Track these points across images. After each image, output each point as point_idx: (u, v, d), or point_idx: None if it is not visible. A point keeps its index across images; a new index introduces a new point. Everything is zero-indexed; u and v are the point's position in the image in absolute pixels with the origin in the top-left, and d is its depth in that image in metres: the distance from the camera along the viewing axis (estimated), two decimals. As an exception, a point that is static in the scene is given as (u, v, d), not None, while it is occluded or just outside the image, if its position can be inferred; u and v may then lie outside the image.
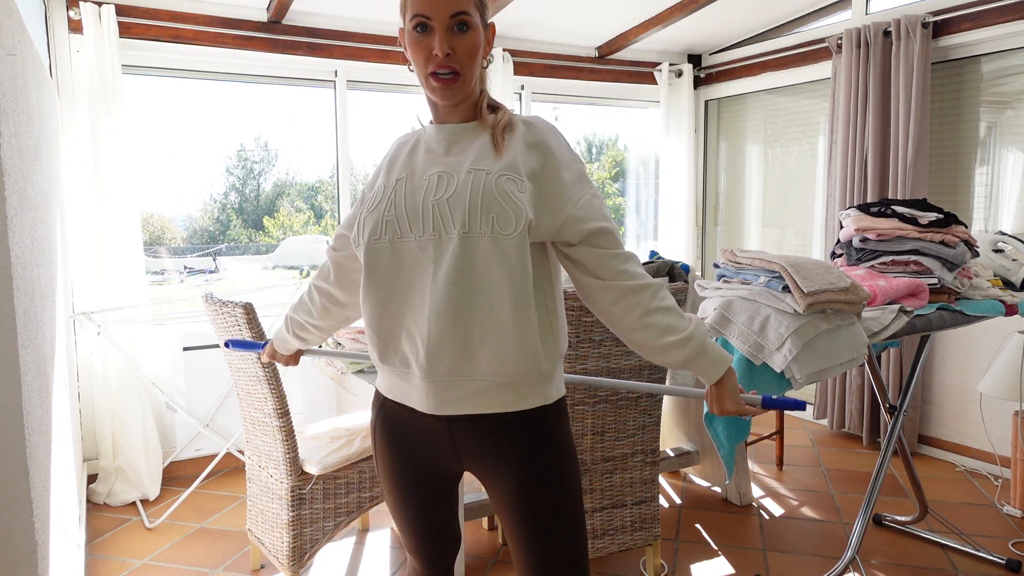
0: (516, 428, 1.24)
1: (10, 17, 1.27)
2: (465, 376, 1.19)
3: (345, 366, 2.53)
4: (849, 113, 3.65)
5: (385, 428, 1.35)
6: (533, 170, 1.21)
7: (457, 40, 1.19)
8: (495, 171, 1.18)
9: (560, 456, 1.26)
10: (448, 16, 1.17)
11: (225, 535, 2.81)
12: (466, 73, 1.21)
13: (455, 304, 1.16)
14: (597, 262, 1.23)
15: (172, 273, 5.50)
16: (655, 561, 2.42)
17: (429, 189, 1.21)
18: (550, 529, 1.25)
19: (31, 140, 1.52)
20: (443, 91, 1.21)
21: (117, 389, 3.14)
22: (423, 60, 1.20)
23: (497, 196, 1.16)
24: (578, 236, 1.22)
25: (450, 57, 1.18)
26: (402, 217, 1.21)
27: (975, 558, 2.53)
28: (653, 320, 1.22)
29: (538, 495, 1.25)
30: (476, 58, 1.22)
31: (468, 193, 1.17)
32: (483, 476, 1.30)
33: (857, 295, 1.82)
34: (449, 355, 1.18)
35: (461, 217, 1.16)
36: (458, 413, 1.22)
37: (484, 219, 1.15)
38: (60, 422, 1.73)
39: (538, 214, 1.20)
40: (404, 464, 1.34)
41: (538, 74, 4.24)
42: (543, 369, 1.22)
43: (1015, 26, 3.15)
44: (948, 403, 3.49)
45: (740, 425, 1.88)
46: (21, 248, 1.18)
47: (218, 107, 4.02)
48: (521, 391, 1.22)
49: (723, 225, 4.84)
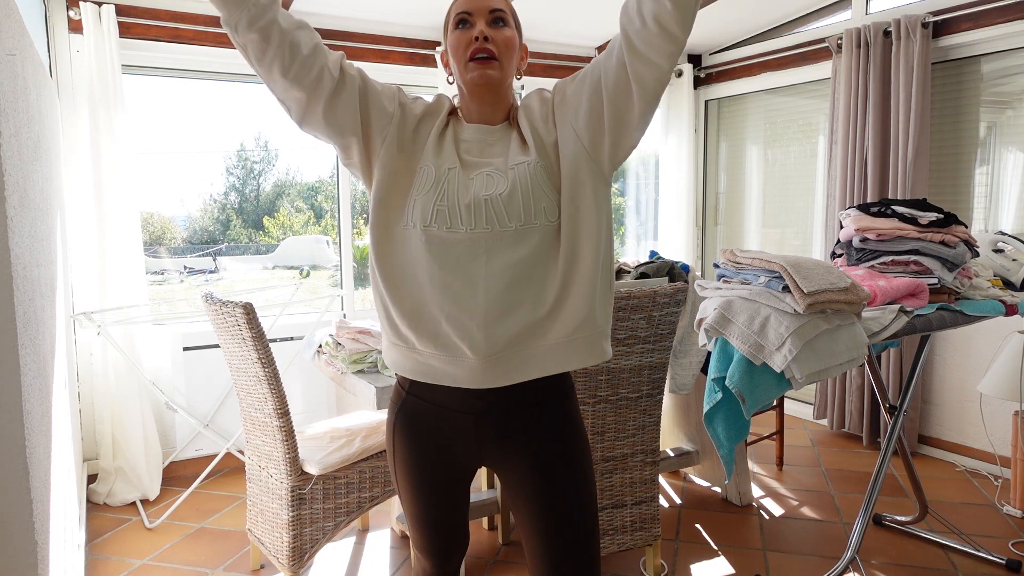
0: (554, 402, 1.32)
1: (10, 17, 1.27)
2: (520, 350, 1.25)
3: (345, 366, 2.53)
4: (849, 113, 3.65)
5: (406, 423, 1.37)
6: (548, 126, 1.29)
7: (495, 31, 1.29)
8: (532, 162, 1.26)
9: (580, 431, 1.36)
10: (487, 11, 1.29)
11: (225, 535, 2.81)
12: (503, 61, 1.29)
13: (510, 290, 1.23)
14: (615, 58, 1.23)
15: (172, 273, 5.50)
16: (655, 561, 2.42)
17: (479, 186, 1.25)
18: (578, 494, 1.31)
19: (31, 140, 1.52)
20: (480, 72, 1.27)
21: (117, 389, 3.14)
22: (463, 49, 1.28)
23: (543, 188, 1.24)
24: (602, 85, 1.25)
25: (488, 41, 1.27)
26: (454, 209, 1.24)
27: (975, 558, 2.53)
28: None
29: (567, 458, 1.32)
30: (513, 52, 1.31)
31: (519, 189, 1.24)
32: (504, 460, 1.34)
33: (857, 295, 1.82)
34: (505, 336, 1.23)
35: (517, 212, 1.23)
36: (513, 383, 1.26)
37: (537, 211, 1.24)
38: (60, 422, 1.73)
39: (592, 139, 1.26)
40: (423, 460, 1.36)
41: (538, 74, 4.24)
42: (594, 327, 1.29)
43: (1015, 26, 3.15)
44: (948, 403, 3.49)
45: (740, 425, 1.88)
46: (21, 248, 1.18)
47: (218, 107, 4.02)
48: (573, 351, 1.28)
49: (723, 225, 4.84)
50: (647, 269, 2.75)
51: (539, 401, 1.31)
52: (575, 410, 1.36)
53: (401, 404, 1.38)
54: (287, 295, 3.71)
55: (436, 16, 3.72)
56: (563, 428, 1.33)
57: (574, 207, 1.25)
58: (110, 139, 3.08)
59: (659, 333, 2.22)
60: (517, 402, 1.30)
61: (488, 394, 1.29)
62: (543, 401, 1.32)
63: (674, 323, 2.24)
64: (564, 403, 1.34)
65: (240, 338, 2.18)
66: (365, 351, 2.56)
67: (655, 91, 1.21)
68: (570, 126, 1.27)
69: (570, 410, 1.35)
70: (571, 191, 1.25)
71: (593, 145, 1.25)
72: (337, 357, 2.59)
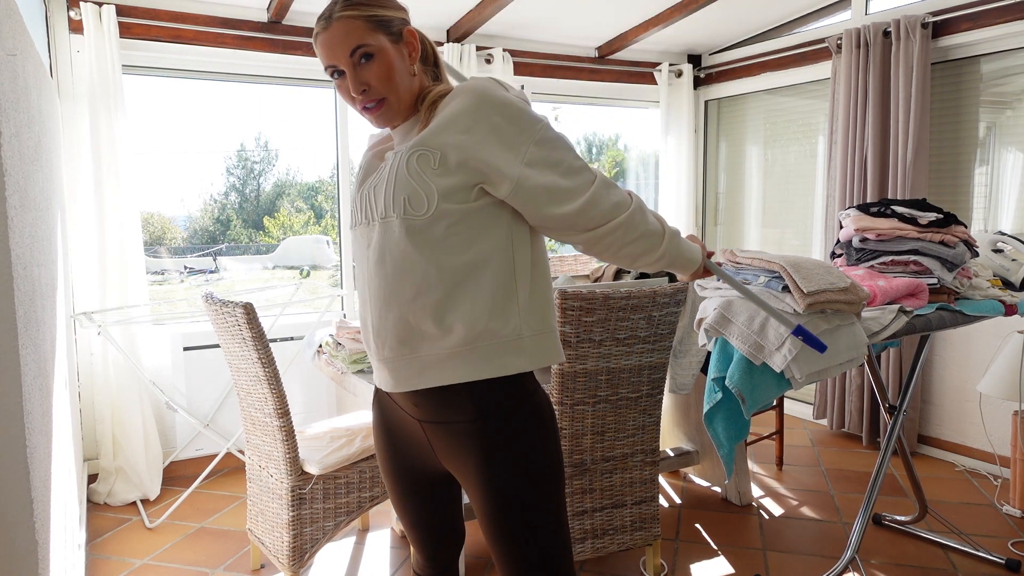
0: (464, 400, 1.20)
1: (10, 17, 1.27)
2: (410, 354, 1.21)
3: (345, 366, 2.53)
4: (849, 113, 3.65)
5: (380, 424, 1.40)
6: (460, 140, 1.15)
7: (366, 72, 1.21)
8: (406, 150, 1.17)
9: (516, 431, 1.21)
10: (347, 56, 1.20)
11: (225, 535, 2.81)
12: (390, 96, 1.23)
13: (386, 286, 1.20)
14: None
15: (172, 273, 5.51)
16: (655, 561, 2.43)
17: (371, 178, 1.27)
18: (518, 521, 1.21)
19: (31, 140, 1.52)
20: (377, 120, 1.27)
21: (117, 389, 3.14)
22: (351, 101, 1.25)
23: (408, 176, 1.16)
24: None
25: (367, 92, 1.22)
26: (355, 205, 1.28)
27: (975, 558, 2.53)
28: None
29: (504, 486, 1.21)
30: (393, 78, 1.21)
31: (384, 178, 1.20)
32: (452, 469, 1.29)
33: (857, 295, 1.82)
34: (390, 336, 1.21)
35: (381, 203, 1.20)
36: (409, 389, 1.23)
37: (396, 203, 1.17)
38: (60, 422, 1.73)
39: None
40: (398, 461, 1.38)
41: (538, 74, 4.24)
42: (489, 338, 1.19)
43: (1015, 26, 3.15)
44: (948, 403, 3.50)
45: (740, 425, 1.88)
46: (21, 248, 1.18)
47: (218, 107, 4.03)
48: (468, 362, 1.18)
49: (723, 225, 4.84)
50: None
51: (473, 415, 1.21)
52: (515, 412, 1.22)
53: (377, 404, 1.40)
54: (287, 295, 3.71)
55: (436, 17, 3.72)
56: (505, 445, 1.21)
57: (461, 212, 1.16)
58: (110, 139, 3.08)
59: (659, 333, 2.22)
60: (447, 414, 1.23)
61: (420, 402, 1.24)
62: (478, 416, 1.21)
63: (674, 323, 2.24)
64: (499, 408, 1.21)
65: (240, 338, 2.19)
66: (365, 351, 2.56)
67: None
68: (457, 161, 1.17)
69: (508, 417, 1.21)
70: (459, 196, 1.16)
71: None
72: (337, 357, 2.59)
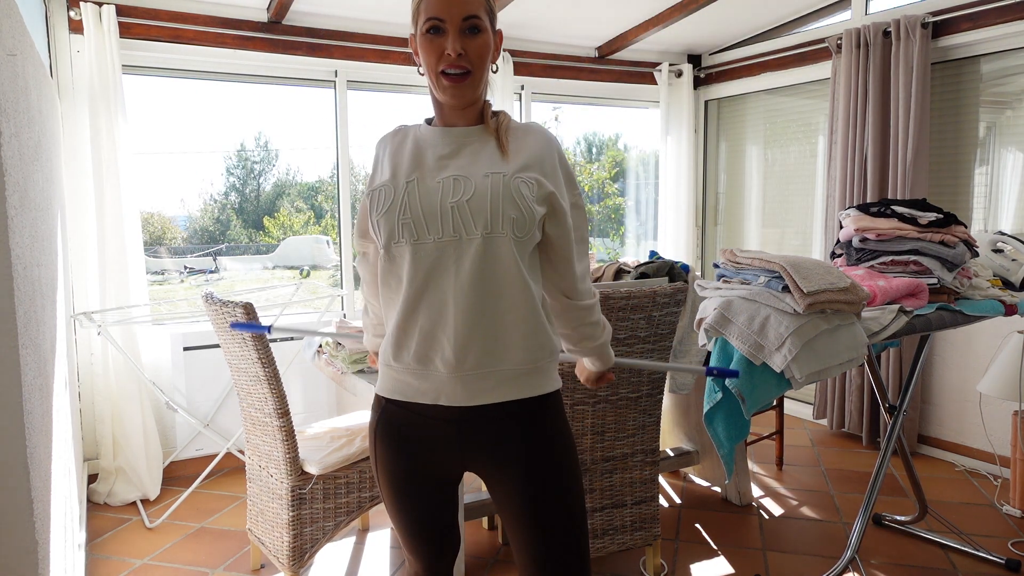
0: (536, 411, 1.30)
1: (10, 17, 1.27)
2: (492, 368, 1.25)
3: (345, 366, 2.53)
4: (849, 113, 3.65)
5: (388, 431, 1.35)
6: (542, 173, 1.28)
7: (469, 41, 1.24)
8: (511, 173, 1.23)
9: (567, 438, 1.35)
10: (461, 19, 1.22)
11: (225, 535, 2.81)
12: (476, 73, 1.25)
13: (480, 301, 1.21)
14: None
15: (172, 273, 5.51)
16: (655, 561, 2.43)
17: (446, 192, 1.23)
18: (562, 506, 1.30)
19: (31, 140, 1.52)
20: (453, 89, 1.25)
21: (117, 389, 3.14)
22: (435, 60, 1.24)
23: (515, 199, 1.22)
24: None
25: (462, 57, 1.23)
26: (419, 220, 1.22)
27: (975, 558, 2.53)
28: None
29: (551, 472, 1.30)
30: (486, 60, 1.27)
31: (488, 196, 1.21)
32: (490, 469, 1.32)
33: (857, 295, 1.82)
34: (476, 350, 1.23)
35: (483, 219, 1.20)
36: (487, 403, 1.26)
37: (505, 220, 1.20)
38: (60, 422, 1.73)
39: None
40: (406, 467, 1.34)
41: (538, 74, 4.24)
42: (555, 353, 1.32)
43: (1015, 26, 3.16)
44: (948, 403, 3.50)
45: (740, 425, 1.88)
46: (21, 248, 1.18)
47: (218, 107, 4.03)
48: (541, 377, 1.30)
49: (723, 225, 4.84)
50: (647, 269, 2.75)
51: (524, 410, 1.29)
52: (560, 413, 1.35)
53: (381, 411, 1.36)
54: (287, 295, 3.71)
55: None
56: (551, 434, 1.31)
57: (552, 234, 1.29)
58: (110, 139, 3.08)
59: (659, 333, 2.22)
60: (499, 414, 1.28)
61: (465, 410, 1.28)
62: (529, 410, 1.30)
63: (674, 323, 2.24)
64: (550, 409, 1.32)
65: (240, 338, 2.19)
66: (365, 351, 2.56)
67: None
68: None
69: (555, 416, 1.33)
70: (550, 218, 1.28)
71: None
72: (337, 357, 2.59)
